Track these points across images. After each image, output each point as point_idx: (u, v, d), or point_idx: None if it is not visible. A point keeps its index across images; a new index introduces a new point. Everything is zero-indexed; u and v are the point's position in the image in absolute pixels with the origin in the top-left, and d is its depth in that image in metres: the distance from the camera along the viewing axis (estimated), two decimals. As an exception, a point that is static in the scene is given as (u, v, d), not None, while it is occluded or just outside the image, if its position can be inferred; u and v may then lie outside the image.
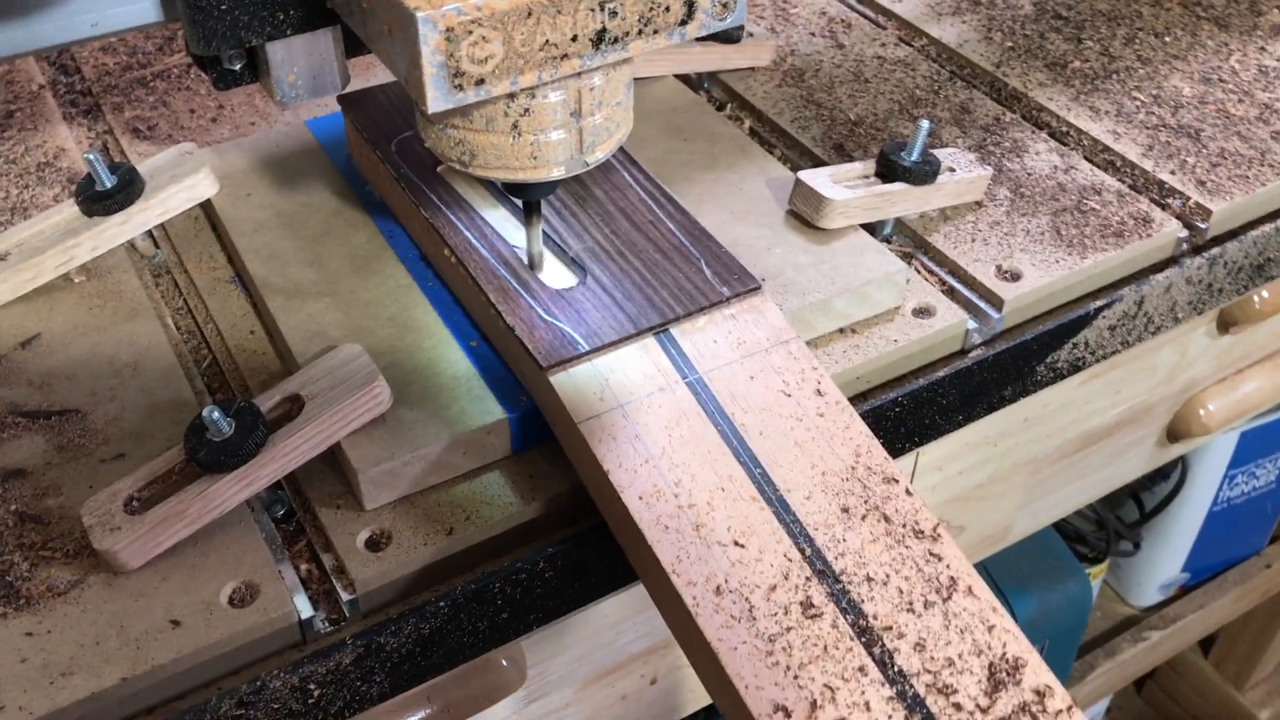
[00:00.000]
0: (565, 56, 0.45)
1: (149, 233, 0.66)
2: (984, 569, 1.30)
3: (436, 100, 0.43)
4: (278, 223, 0.64)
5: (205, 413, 0.50)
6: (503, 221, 0.60)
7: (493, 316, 0.55)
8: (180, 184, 0.64)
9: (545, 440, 0.55)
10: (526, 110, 0.49)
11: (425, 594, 0.52)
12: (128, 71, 0.80)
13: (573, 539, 0.53)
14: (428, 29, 0.41)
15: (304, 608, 0.50)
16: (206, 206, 0.67)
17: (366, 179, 0.67)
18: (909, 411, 0.61)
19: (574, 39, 0.44)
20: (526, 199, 0.55)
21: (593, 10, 0.43)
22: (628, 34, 0.45)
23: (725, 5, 0.46)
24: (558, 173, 0.52)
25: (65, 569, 0.50)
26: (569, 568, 0.54)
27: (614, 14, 0.44)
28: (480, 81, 0.44)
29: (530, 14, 0.42)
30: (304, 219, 0.64)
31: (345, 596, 0.50)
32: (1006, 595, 1.31)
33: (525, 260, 0.57)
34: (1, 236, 0.63)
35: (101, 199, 0.63)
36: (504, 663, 0.70)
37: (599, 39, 0.44)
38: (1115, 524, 1.50)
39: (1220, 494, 1.46)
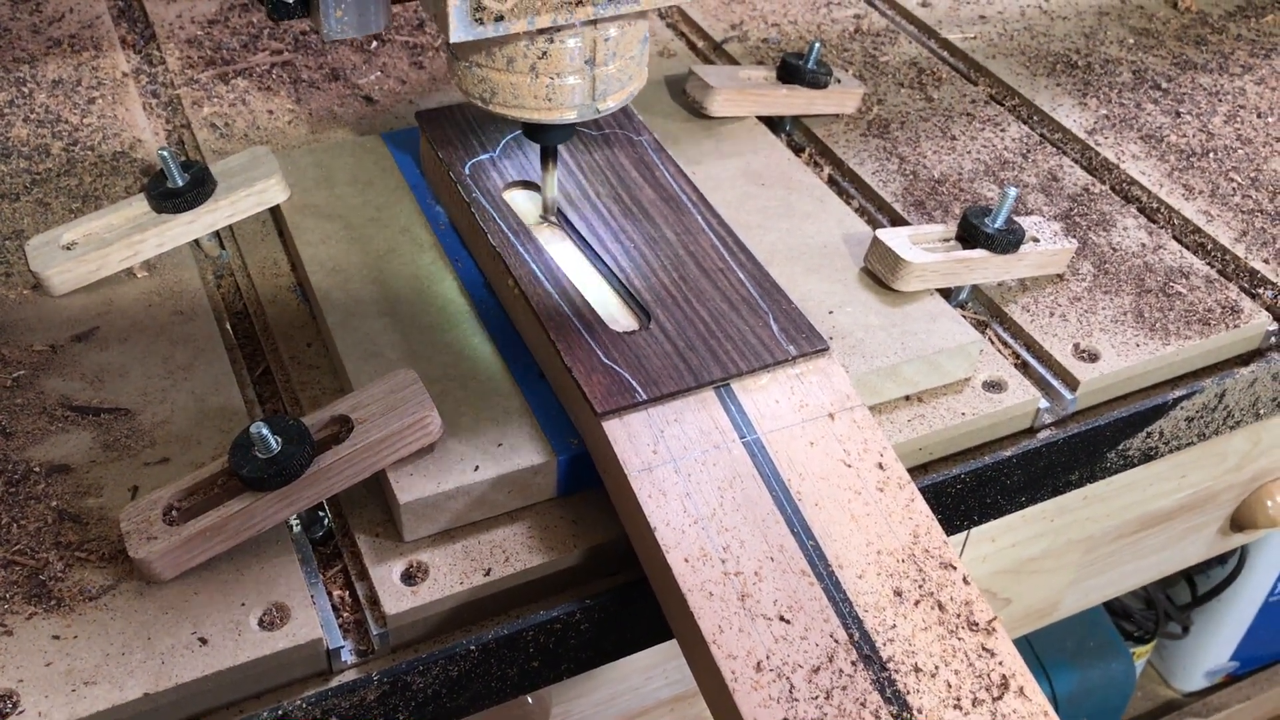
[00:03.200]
0: (580, 3, 0.49)
1: (216, 233, 0.66)
2: (1025, 641, 1.26)
3: (458, 31, 0.47)
4: (344, 236, 0.63)
5: (253, 428, 0.49)
6: (568, 257, 0.59)
7: (552, 354, 0.54)
8: (251, 188, 0.63)
9: (592, 485, 0.54)
10: (544, 54, 0.52)
11: (456, 634, 0.50)
12: (211, 66, 0.80)
13: (611, 592, 0.52)
14: None
15: (333, 637, 0.49)
16: (275, 212, 0.66)
17: (437, 197, 0.66)
18: (971, 489, 0.59)
19: None
20: (543, 143, 0.58)
21: None
22: None
23: None
24: (570, 115, 0.55)
25: (99, 573, 0.49)
26: (605, 621, 0.52)
27: None
28: (499, 18, 0.48)
29: None
30: (370, 235, 0.64)
31: (375, 629, 0.49)
32: (1048, 670, 1.27)
33: (541, 209, 0.61)
34: (70, 226, 0.63)
35: (172, 196, 0.62)
36: (529, 700, 0.69)
37: None
38: (1166, 605, 1.46)
39: (1278, 586, 1.41)
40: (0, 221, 0.66)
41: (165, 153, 0.62)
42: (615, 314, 0.56)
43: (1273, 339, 0.67)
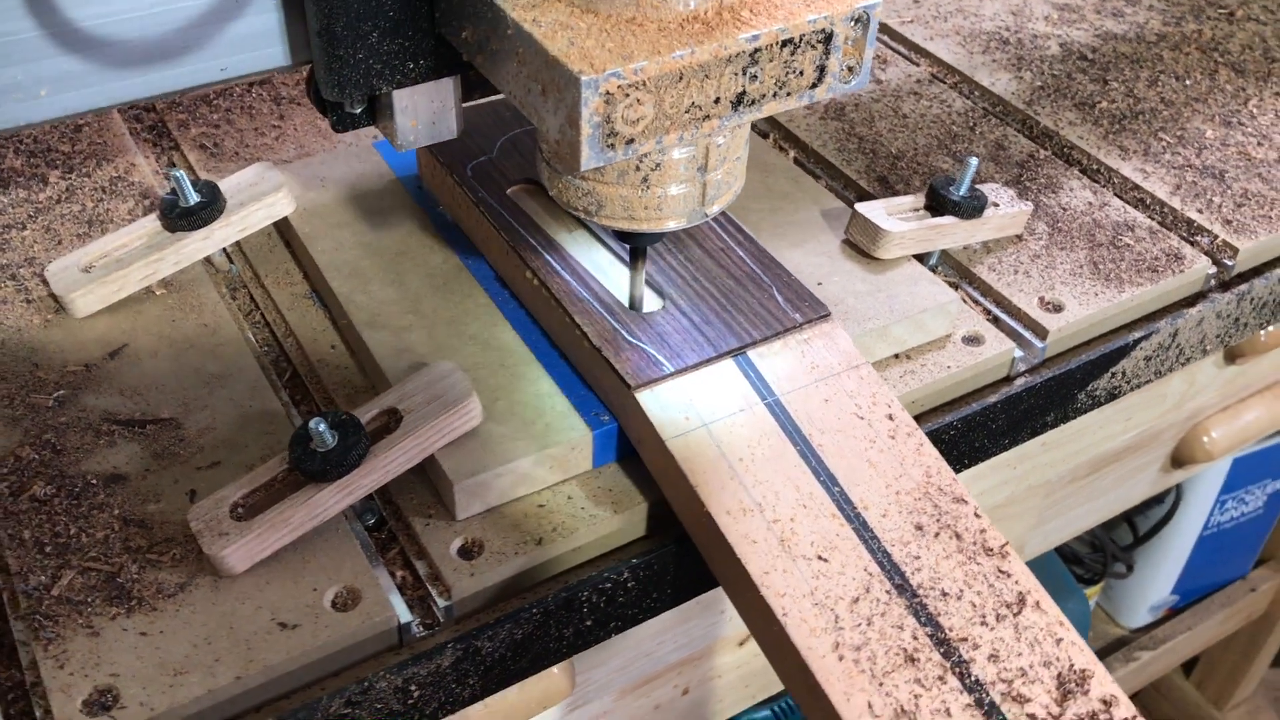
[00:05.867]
0: (707, 118, 0.47)
1: (223, 249, 0.69)
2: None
3: (589, 159, 0.45)
4: (355, 242, 0.66)
5: (311, 424, 0.52)
6: (578, 245, 0.63)
7: (577, 337, 0.58)
8: (260, 202, 0.66)
9: (622, 456, 0.58)
10: (657, 165, 0.52)
11: (512, 601, 0.54)
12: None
13: (651, 552, 0.56)
14: (589, 92, 0.43)
15: (402, 613, 0.52)
16: (280, 224, 0.69)
17: (439, 201, 0.69)
18: (961, 435, 0.64)
19: (716, 101, 0.46)
20: (636, 245, 0.57)
21: (736, 75, 0.46)
22: (764, 96, 0.48)
23: (851, 69, 0.49)
24: (680, 223, 0.54)
25: (172, 572, 0.52)
26: (649, 579, 0.56)
27: (754, 78, 0.46)
28: (630, 141, 0.46)
29: (681, 78, 0.45)
30: (380, 239, 0.67)
31: (441, 602, 0.53)
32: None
33: (626, 299, 0.60)
34: (85, 250, 0.65)
35: (186, 214, 0.65)
36: (555, 670, 0.73)
37: (738, 101, 0.47)
38: (1111, 546, 1.54)
39: (1211, 519, 1.50)
40: (11, 250, 0.68)
41: (179, 173, 0.64)
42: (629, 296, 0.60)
43: (1211, 281, 0.74)
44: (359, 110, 0.54)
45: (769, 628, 0.50)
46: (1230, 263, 0.74)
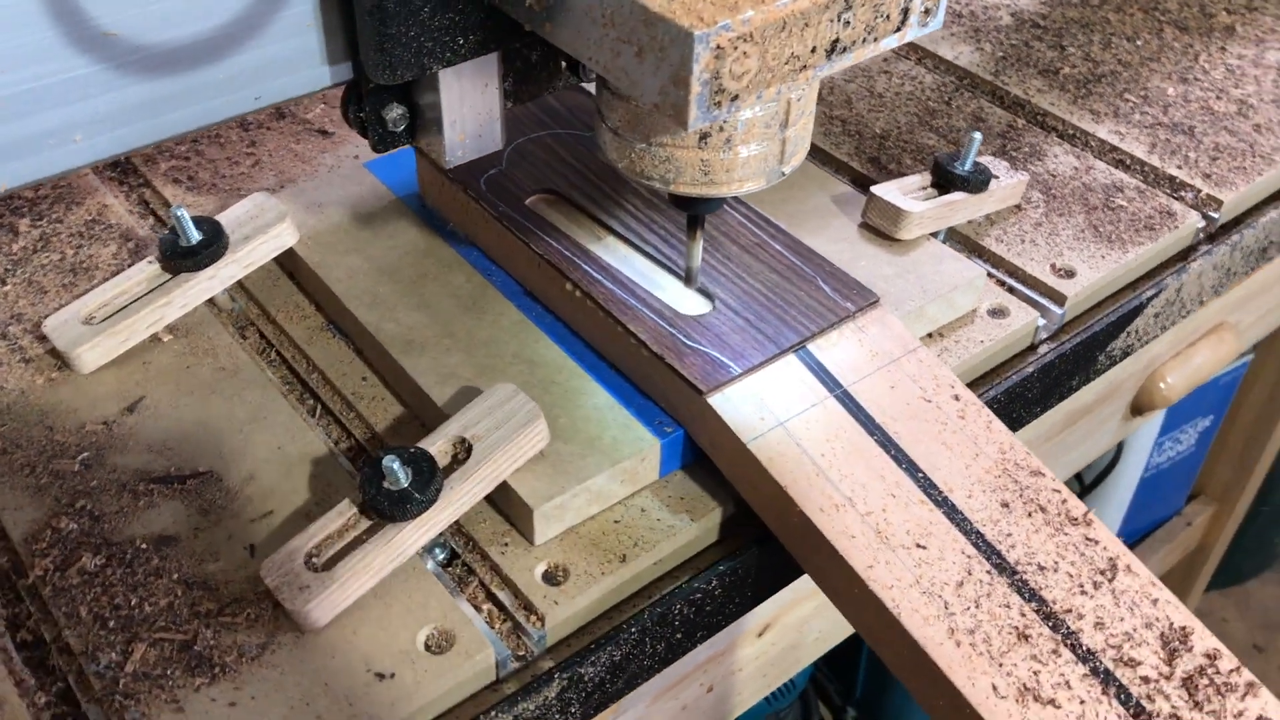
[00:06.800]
0: (804, 67, 0.45)
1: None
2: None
3: (697, 118, 0.43)
4: (370, 268, 0.64)
5: (385, 462, 0.50)
6: (612, 251, 0.61)
7: (632, 346, 0.56)
8: (265, 234, 0.63)
9: (688, 463, 0.57)
10: (741, 123, 0.49)
11: (599, 622, 0.53)
12: (149, 121, 0.77)
13: (733, 556, 0.55)
14: (701, 47, 0.41)
15: (498, 648, 0.50)
16: (281, 256, 0.66)
17: (447, 218, 0.67)
18: (1003, 407, 0.65)
19: (813, 50, 0.45)
20: (695, 213, 0.55)
21: (832, 21, 0.45)
22: (855, 42, 0.46)
23: (928, 11, 0.48)
24: (760, 184, 0.52)
25: (250, 633, 0.49)
26: (734, 583, 0.55)
27: (847, 24, 0.45)
28: (735, 97, 0.44)
29: (784, 27, 0.43)
30: (395, 262, 0.64)
31: (535, 633, 0.51)
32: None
33: (683, 276, 0.58)
34: (83, 300, 0.62)
35: (190, 254, 0.61)
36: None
37: (832, 49, 0.46)
38: (1058, 497, 1.58)
39: (1151, 461, 1.55)
40: (-5, 308, 0.64)
41: (180, 212, 0.61)
42: (677, 299, 0.59)
43: (1200, 234, 0.76)
44: (401, 129, 0.52)
45: (880, 621, 0.49)
46: (1215, 215, 0.76)
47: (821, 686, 1.46)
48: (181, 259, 0.62)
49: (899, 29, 0.48)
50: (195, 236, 0.62)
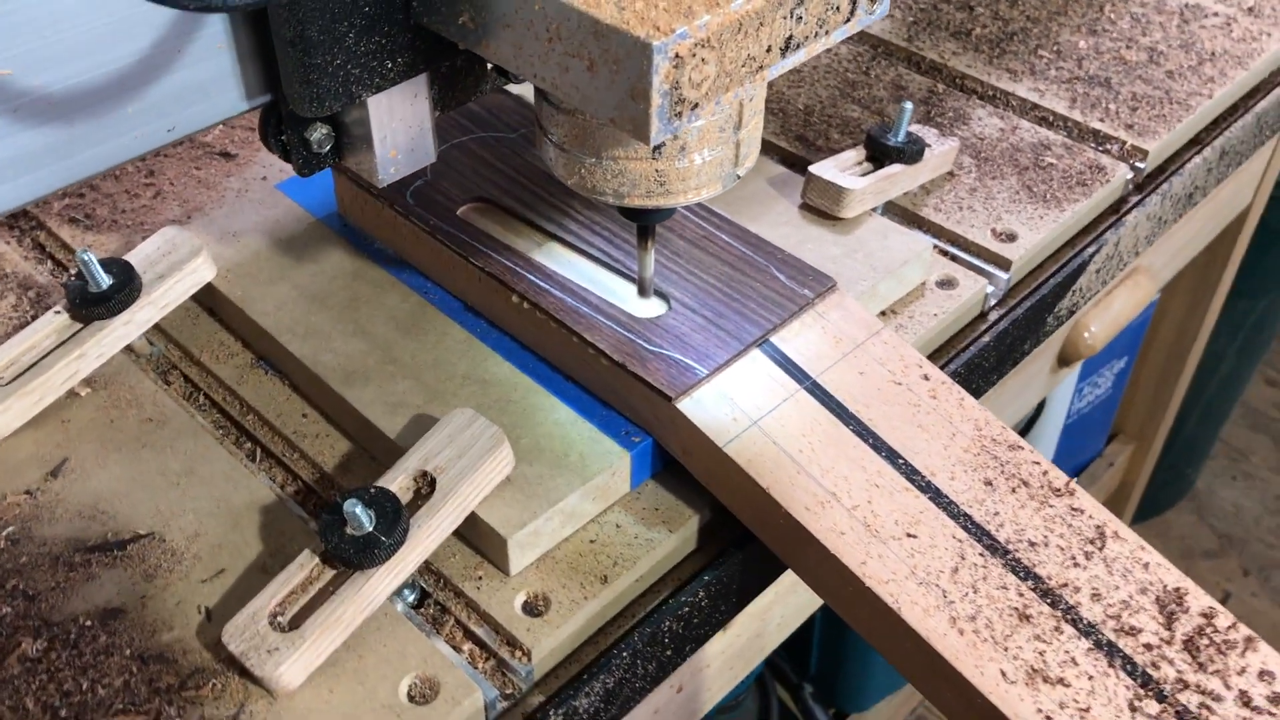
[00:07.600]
0: (761, 68, 0.44)
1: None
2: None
3: (659, 131, 0.41)
4: (298, 296, 0.60)
5: (347, 507, 0.47)
6: (555, 257, 0.59)
7: (590, 356, 0.54)
8: (180, 271, 0.59)
9: (656, 471, 0.55)
10: (695, 130, 0.47)
11: (589, 648, 0.50)
12: (34, 158, 0.72)
13: (720, 561, 0.53)
14: (660, 58, 0.39)
15: (486, 689, 0.48)
16: (199, 292, 0.62)
17: (373, 236, 0.63)
18: (964, 380, 0.64)
19: (769, 49, 0.43)
20: (645, 223, 0.53)
21: (785, 18, 0.43)
22: (808, 37, 0.44)
23: None
24: (716, 190, 0.50)
25: (218, 705, 0.46)
26: (719, 591, 0.54)
27: (800, 19, 0.43)
28: (695, 106, 0.42)
29: (740, 28, 0.41)
30: (323, 288, 0.61)
31: (521, 668, 0.48)
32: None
33: (635, 287, 0.56)
34: (-14, 360, 0.57)
35: (101, 300, 0.57)
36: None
37: (786, 46, 0.44)
38: (987, 451, 1.60)
39: (1073, 407, 1.58)
40: (-113, 377, 0.58)
41: (86, 256, 0.57)
42: (631, 303, 0.57)
43: (1130, 185, 0.76)
44: (326, 149, 0.49)
45: (879, 617, 0.48)
46: (1142, 165, 0.76)
47: (776, 666, 1.45)
48: (92, 306, 0.57)
49: (848, 19, 0.46)
50: (105, 281, 0.57)
